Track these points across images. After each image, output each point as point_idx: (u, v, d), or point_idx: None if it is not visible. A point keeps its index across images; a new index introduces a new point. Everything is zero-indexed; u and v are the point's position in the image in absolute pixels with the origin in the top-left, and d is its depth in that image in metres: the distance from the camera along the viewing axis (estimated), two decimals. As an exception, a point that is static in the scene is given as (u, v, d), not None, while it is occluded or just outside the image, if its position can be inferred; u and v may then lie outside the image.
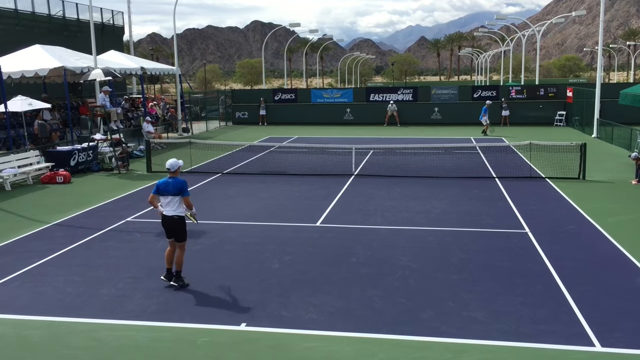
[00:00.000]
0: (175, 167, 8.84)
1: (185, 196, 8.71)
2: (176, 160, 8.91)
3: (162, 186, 8.76)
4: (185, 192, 8.69)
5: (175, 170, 8.82)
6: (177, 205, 8.72)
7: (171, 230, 8.78)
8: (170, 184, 8.70)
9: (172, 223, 8.72)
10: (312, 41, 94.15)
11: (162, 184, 8.77)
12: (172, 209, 8.70)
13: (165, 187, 8.71)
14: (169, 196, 8.71)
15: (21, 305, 8.24)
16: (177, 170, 8.86)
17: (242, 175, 18.86)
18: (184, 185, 8.71)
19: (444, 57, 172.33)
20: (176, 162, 8.88)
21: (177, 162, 8.88)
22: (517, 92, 36.12)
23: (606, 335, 7.02)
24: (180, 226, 8.75)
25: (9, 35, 30.01)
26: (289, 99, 38.52)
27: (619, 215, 12.93)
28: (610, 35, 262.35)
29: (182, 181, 8.74)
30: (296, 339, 7.11)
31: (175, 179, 8.75)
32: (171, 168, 8.81)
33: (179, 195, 8.68)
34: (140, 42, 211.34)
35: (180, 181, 8.73)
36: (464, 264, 9.74)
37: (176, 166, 8.85)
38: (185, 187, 8.72)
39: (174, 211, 8.70)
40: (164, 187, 8.73)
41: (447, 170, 18.81)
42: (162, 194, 8.78)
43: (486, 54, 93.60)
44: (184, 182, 8.74)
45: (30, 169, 18.10)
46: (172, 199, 8.71)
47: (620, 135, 24.55)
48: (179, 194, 8.67)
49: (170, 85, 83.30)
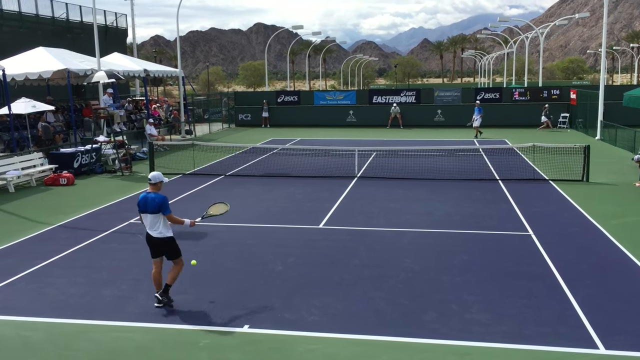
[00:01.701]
0: (157, 180, 8.09)
1: (166, 214, 7.92)
2: (160, 174, 8.22)
3: (141, 204, 8.01)
4: (165, 210, 7.88)
5: (155, 183, 8.07)
6: (162, 225, 7.96)
7: (158, 250, 8.07)
8: (148, 200, 7.93)
9: (159, 244, 8.02)
10: (315, 43, 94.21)
11: (141, 201, 8.02)
12: (156, 230, 7.96)
13: (144, 205, 7.96)
14: (148, 215, 7.94)
15: (24, 306, 8.25)
16: (159, 184, 8.09)
17: (245, 177, 18.87)
18: (164, 202, 7.90)
19: (446, 59, 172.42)
20: (159, 175, 8.16)
21: (160, 176, 8.16)
22: (520, 94, 36.09)
23: (610, 338, 7.00)
24: (170, 246, 8.06)
25: (13, 37, 30.12)
26: (292, 101, 38.54)
27: (622, 218, 12.89)
28: (614, 37, 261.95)
29: (162, 197, 7.93)
30: (299, 340, 7.10)
31: (155, 195, 7.96)
32: (152, 179, 8.09)
33: (159, 213, 7.91)
34: (144, 45, 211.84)
35: (160, 197, 7.92)
36: (467, 266, 9.72)
37: (158, 179, 8.10)
38: (165, 203, 7.89)
39: (160, 233, 7.96)
40: (142, 205, 7.99)
41: (450, 172, 18.78)
42: (142, 212, 8.05)
43: (489, 56, 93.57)
44: (163, 198, 7.92)
45: (34, 171, 18.14)
46: (152, 217, 7.93)
47: (623, 137, 24.50)
48: (159, 212, 7.89)
49: (174, 87, 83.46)
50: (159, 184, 8.12)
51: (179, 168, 20.11)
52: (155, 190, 8.05)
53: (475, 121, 29.91)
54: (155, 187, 8.08)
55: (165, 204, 7.91)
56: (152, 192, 8.01)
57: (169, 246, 8.05)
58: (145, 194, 8.07)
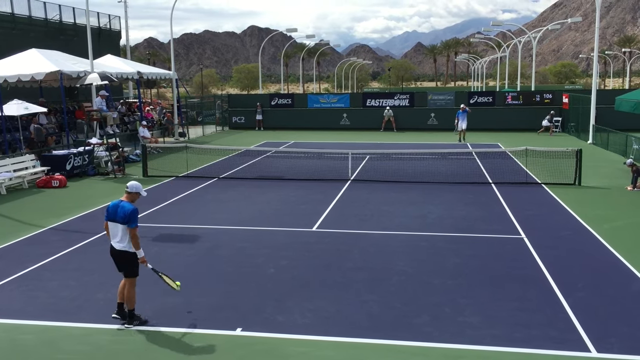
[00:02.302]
0: (134, 189, 7.69)
1: (132, 227, 7.41)
2: (140, 185, 7.79)
3: (111, 211, 7.54)
4: (132, 222, 7.40)
5: (131, 192, 7.67)
6: (123, 236, 7.49)
7: (119, 264, 7.65)
8: (119, 208, 7.48)
9: (120, 258, 7.57)
10: (309, 46, 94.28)
11: (111, 208, 7.57)
12: (119, 241, 7.50)
13: (114, 213, 7.49)
14: (117, 224, 7.46)
15: (15, 309, 8.20)
16: (134, 194, 7.68)
17: (238, 179, 18.84)
18: (133, 214, 7.42)
19: (440, 63, 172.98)
20: (138, 186, 7.75)
21: (139, 187, 7.74)
22: (513, 98, 36.24)
23: (602, 340, 7.03)
24: (131, 262, 7.56)
25: (6, 39, 29.99)
26: (286, 104, 38.53)
27: (614, 221, 12.95)
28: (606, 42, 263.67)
29: (133, 209, 7.48)
30: (291, 343, 7.09)
31: (128, 205, 7.53)
32: (129, 188, 7.70)
33: (126, 225, 7.44)
34: (137, 47, 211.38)
35: (131, 208, 7.47)
36: (459, 269, 9.74)
37: (135, 189, 7.70)
38: (135, 216, 7.43)
39: (124, 246, 7.50)
40: (112, 212, 7.52)
41: (443, 175, 18.82)
42: (110, 220, 7.56)
43: (482, 60, 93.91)
44: (134, 209, 7.48)
45: (26, 173, 18.05)
46: (117, 227, 7.47)
47: (615, 141, 24.64)
48: (126, 223, 7.42)
49: (167, 89, 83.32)
50: (135, 195, 7.70)
51: (172, 170, 20.06)
52: (130, 200, 7.64)
53: (460, 124, 29.55)
54: (130, 196, 7.66)
55: (135, 216, 7.44)
56: (125, 201, 7.59)
57: (129, 262, 7.55)
58: (118, 201, 7.62)
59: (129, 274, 7.58)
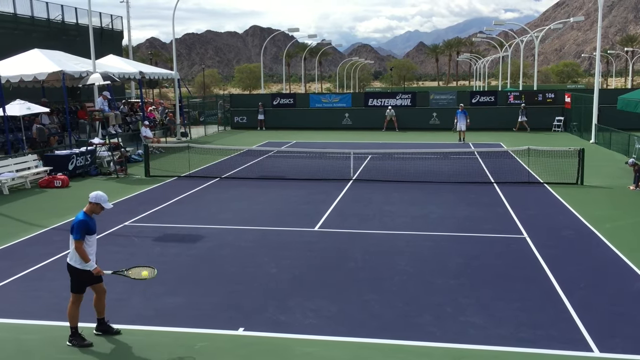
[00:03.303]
0: (94, 199, 7.09)
1: (75, 239, 6.91)
2: (106, 197, 7.17)
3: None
4: (74, 233, 6.92)
5: (91, 202, 7.09)
6: (71, 248, 7.06)
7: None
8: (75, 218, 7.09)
9: (68, 269, 7.12)
10: (311, 46, 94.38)
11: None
12: (69, 252, 7.12)
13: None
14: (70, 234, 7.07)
15: (18, 309, 8.21)
16: (94, 205, 7.09)
17: (240, 179, 18.85)
18: (77, 225, 6.92)
19: (442, 62, 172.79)
20: (100, 197, 7.11)
21: (101, 198, 7.10)
22: (515, 97, 36.20)
23: (604, 340, 7.01)
24: (72, 275, 7.09)
25: (8, 39, 30.05)
26: (288, 103, 38.54)
27: (617, 221, 12.94)
28: (608, 41, 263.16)
29: (79, 220, 6.98)
30: (294, 343, 7.09)
31: (81, 214, 7.07)
32: (90, 197, 7.14)
33: (71, 235, 7.01)
34: (139, 47, 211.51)
35: (78, 219, 7.00)
36: (461, 268, 9.74)
37: (95, 200, 7.08)
38: (79, 227, 6.91)
39: (69, 257, 7.11)
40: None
41: (445, 175, 18.81)
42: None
43: (484, 60, 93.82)
44: (79, 221, 6.96)
45: (28, 173, 18.08)
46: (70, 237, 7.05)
47: (618, 140, 24.60)
48: (71, 233, 7.01)
49: (169, 89, 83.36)
50: (95, 206, 7.08)
51: (174, 170, 20.08)
52: (88, 210, 7.09)
53: (459, 125, 29.49)
54: (90, 207, 7.09)
55: (78, 228, 6.90)
56: (82, 211, 7.11)
57: (71, 275, 7.11)
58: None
59: (71, 288, 7.10)
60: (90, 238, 7.09)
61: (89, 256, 7.04)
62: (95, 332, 7.32)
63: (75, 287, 7.09)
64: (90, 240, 7.09)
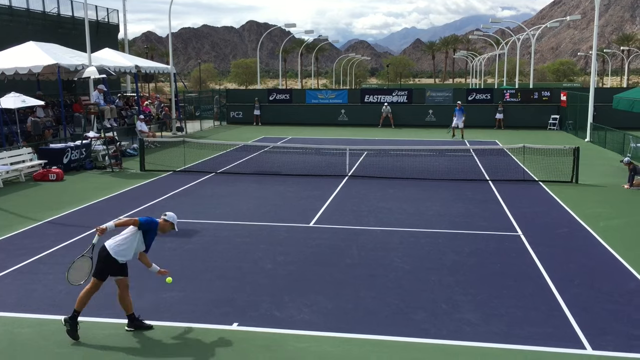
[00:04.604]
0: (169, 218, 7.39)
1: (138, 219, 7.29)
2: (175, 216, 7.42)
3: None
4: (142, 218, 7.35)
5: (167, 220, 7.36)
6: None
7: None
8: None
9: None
10: (308, 42, 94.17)
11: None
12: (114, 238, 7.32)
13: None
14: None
15: (12, 302, 8.19)
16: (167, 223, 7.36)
17: (235, 174, 18.83)
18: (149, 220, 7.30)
19: (438, 59, 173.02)
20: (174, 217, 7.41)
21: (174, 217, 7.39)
22: (511, 95, 36.26)
23: (597, 338, 7.05)
24: (99, 260, 7.30)
25: (3, 31, 29.82)
26: (284, 99, 38.51)
27: (611, 219, 12.99)
28: (604, 40, 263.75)
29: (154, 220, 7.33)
30: (288, 339, 7.10)
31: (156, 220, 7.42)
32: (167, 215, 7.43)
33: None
34: (135, 41, 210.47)
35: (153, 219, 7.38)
36: (456, 266, 9.76)
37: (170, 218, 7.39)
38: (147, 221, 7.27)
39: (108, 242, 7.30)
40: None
41: (440, 172, 18.83)
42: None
43: (481, 57, 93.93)
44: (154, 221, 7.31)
45: (23, 166, 18.01)
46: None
47: (613, 139, 24.68)
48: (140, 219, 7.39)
49: (165, 84, 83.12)
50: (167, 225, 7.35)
51: (170, 165, 20.03)
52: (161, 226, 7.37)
53: (456, 121, 29.46)
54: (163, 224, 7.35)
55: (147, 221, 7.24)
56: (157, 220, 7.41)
57: (99, 261, 7.29)
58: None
59: (94, 272, 7.30)
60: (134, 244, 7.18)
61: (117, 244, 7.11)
62: (127, 329, 7.33)
63: (98, 272, 7.18)
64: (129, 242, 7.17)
